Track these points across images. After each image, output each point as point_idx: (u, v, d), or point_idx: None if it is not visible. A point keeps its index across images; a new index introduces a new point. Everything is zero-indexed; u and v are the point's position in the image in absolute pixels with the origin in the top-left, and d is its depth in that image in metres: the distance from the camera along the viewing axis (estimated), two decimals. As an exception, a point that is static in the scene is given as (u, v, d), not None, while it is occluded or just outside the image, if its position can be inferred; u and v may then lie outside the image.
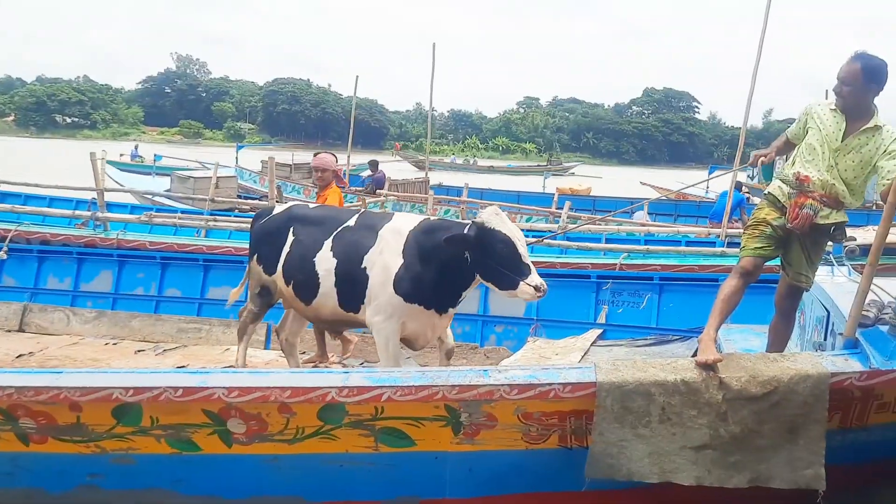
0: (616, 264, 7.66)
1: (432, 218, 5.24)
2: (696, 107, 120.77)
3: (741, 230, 9.61)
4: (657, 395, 3.52)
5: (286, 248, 5.30)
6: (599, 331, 6.81)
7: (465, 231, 4.59)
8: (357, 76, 20.03)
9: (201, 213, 11.37)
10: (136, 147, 33.79)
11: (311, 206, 6.03)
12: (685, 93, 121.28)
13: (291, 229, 5.36)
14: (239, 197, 16.05)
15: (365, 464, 3.72)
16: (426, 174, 20.38)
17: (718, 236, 9.32)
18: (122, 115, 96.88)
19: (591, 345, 6.33)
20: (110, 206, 11.57)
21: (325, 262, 5.06)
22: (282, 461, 3.73)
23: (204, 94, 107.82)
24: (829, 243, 5.34)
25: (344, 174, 18.33)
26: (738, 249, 7.80)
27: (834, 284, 4.54)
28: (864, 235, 7.06)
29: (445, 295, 4.84)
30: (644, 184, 26.22)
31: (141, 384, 3.60)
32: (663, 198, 19.86)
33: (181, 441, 3.70)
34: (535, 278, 4.46)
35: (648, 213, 14.80)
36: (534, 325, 7.17)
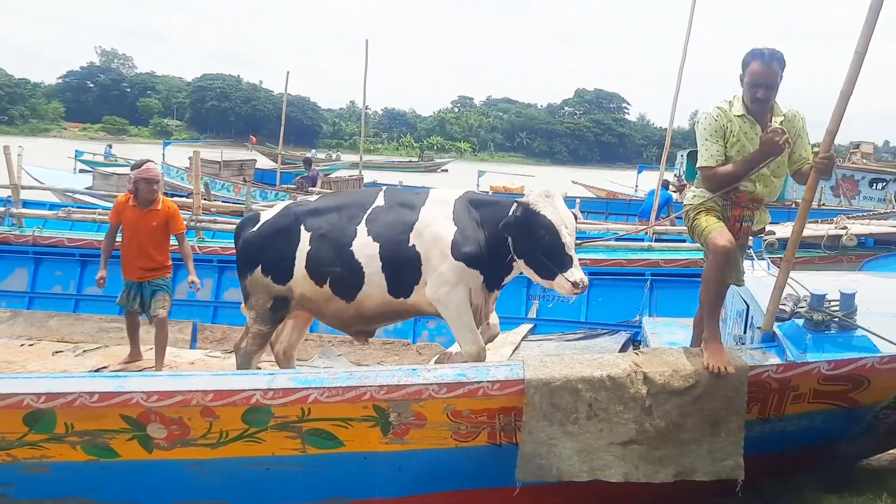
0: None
1: (470, 189, 5.04)
2: (626, 108, 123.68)
3: (667, 227, 9.90)
4: (584, 391, 3.56)
5: (304, 248, 4.82)
6: (530, 325, 6.88)
7: (511, 213, 4.37)
8: (288, 72, 19.74)
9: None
10: (109, 146, 32.53)
11: (312, 199, 5.41)
12: (615, 94, 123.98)
13: (303, 226, 4.87)
14: (165, 194, 15.59)
15: (292, 466, 3.65)
16: (360, 172, 20.24)
17: (647, 233, 9.53)
18: (42, 111, 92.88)
19: (522, 339, 6.38)
20: (28, 204, 11.09)
21: (366, 248, 4.65)
22: (205, 466, 3.62)
23: (129, 90, 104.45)
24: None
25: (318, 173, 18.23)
26: (664, 244, 8.12)
27: (753, 279, 4.66)
28: (783, 231, 7.34)
29: (493, 270, 4.60)
30: (576, 182, 26.66)
31: (54, 390, 3.46)
32: (596, 196, 20.21)
33: (98, 448, 3.56)
34: (575, 273, 4.20)
35: (581, 212, 15.02)
36: None
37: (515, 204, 4.37)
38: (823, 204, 20.41)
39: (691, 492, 3.82)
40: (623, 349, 6.00)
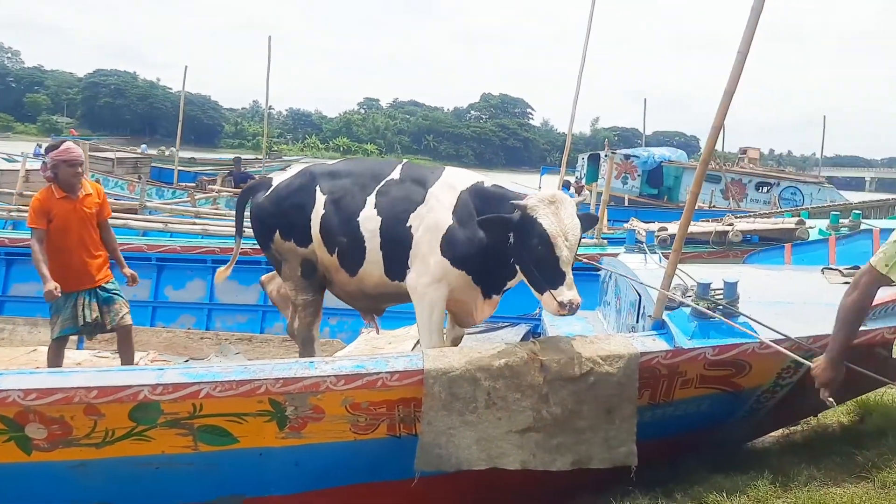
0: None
1: (483, 178, 4.52)
2: (531, 113, 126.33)
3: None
4: (483, 380, 3.58)
5: (318, 210, 4.60)
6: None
7: (511, 214, 3.91)
8: (186, 66, 19.17)
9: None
10: (38, 146, 30.44)
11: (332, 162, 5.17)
12: (520, 99, 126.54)
13: (318, 188, 4.65)
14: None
15: (183, 465, 3.52)
16: (262, 171, 19.84)
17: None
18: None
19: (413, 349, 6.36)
20: None
21: (370, 222, 4.42)
22: (89, 467, 3.45)
23: (14, 85, 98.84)
24: (642, 232, 5.65)
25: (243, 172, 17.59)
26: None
27: (646, 271, 4.83)
28: (674, 228, 7.66)
29: (491, 275, 4.29)
30: (481, 184, 26.91)
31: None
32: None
33: None
34: (564, 292, 3.73)
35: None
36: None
37: (517, 206, 3.89)
38: (714, 205, 21.43)
39: (584, 482, 3.92)
40: (524, 339, 6.09)
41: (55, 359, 5.34)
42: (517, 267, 4.03)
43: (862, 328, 3.88)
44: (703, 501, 3.78)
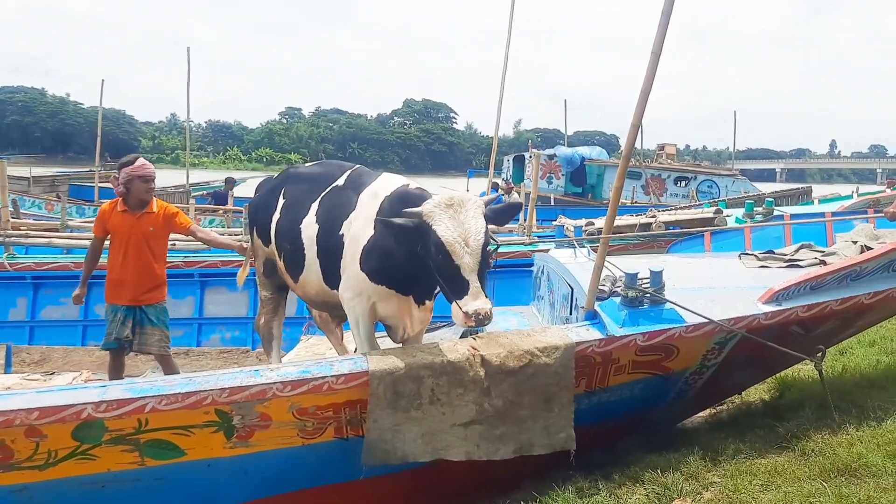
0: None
1: (412, 187, 4.18)
2: (454, 117, 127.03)
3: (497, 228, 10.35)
4: (426, 377, 3.68)
5: (277, 213, 4.71)
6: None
7: (406, 211, 3.71)
8: (103, 80, 18.63)
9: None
10: None
11: (307, 165, 5.24)
12: (443, 104, 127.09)
13: (283, 191, 4.73)
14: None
15: (130, 481, 3.49)
16: (187, 183, 19.45)
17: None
18: None
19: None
20: None
21: (309, 229, 4.40)
22: (33, 490, 3.39)
23: None
24: (571, 228, 5.85)
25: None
26: (504, 240, 8.49)
27: (576, 264, 5.01)
28: (601, 222, 7.95)
29: (419, 283, 4.04)
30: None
31: None
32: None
33: None
34: (469, 303, 3.49)
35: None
36: (307, 323, 7.13)
37: (406, 213, 3.69)
38: (636, 201, 22.10)
39: (527, 471, 4.06)
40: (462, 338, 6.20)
41: (112, 371, 5.48)
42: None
43: (777, 308, 4.16)
44: (639, 480, 3.97)
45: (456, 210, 3.58)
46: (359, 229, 4.07)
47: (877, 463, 3.73)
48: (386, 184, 4.23)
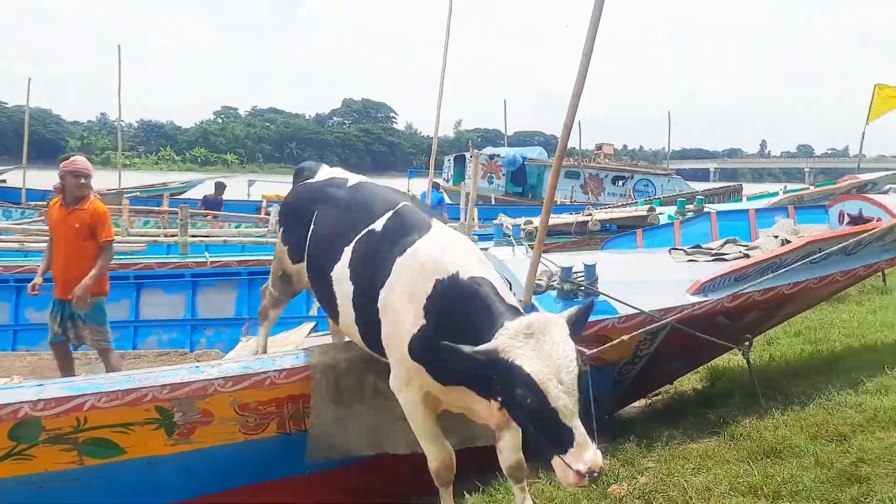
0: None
1: (474, 268, 3.22)
2: (394, 117, 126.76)
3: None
4: (368, 371, 3.73)
5: (308, 241, 3.98)
6: (313, 323, 6.94)
7: (476, 350, 2.81)
8: (30, 79, 18.00)
9: None
10: None
11: (343, 177, 4.33)
12: (383, 104, 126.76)
13: (317, 210, 3.98)
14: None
15: (69, 481, 3.45)
16: (119, 184, 18.98)
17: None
18: None
19: (306, 337, 6.42)
20: None
21: (343, 284, 3.56)
22: None
23: None
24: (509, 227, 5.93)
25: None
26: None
27: (515, 260, 5.13)
28: (539, 221, 8.12)
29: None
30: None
31: None
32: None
33: None
34: (579, 457, 2.67)
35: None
36: (246, 324, 7.08)
37: (476, 353, 2.80)
38: (574, 200, 22.50)
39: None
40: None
41: (60, 368, 5.49)
42: None
43: (703, 299, 4.35)
44: (578, 468, 4.10)
45: (538, 339, 2.76)
46: (399, 308, 3.23)
47: (800, 444, 3.95)
48: (438, 252, 3.25)
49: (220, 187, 17.10)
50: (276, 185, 28.01)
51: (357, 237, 3.57)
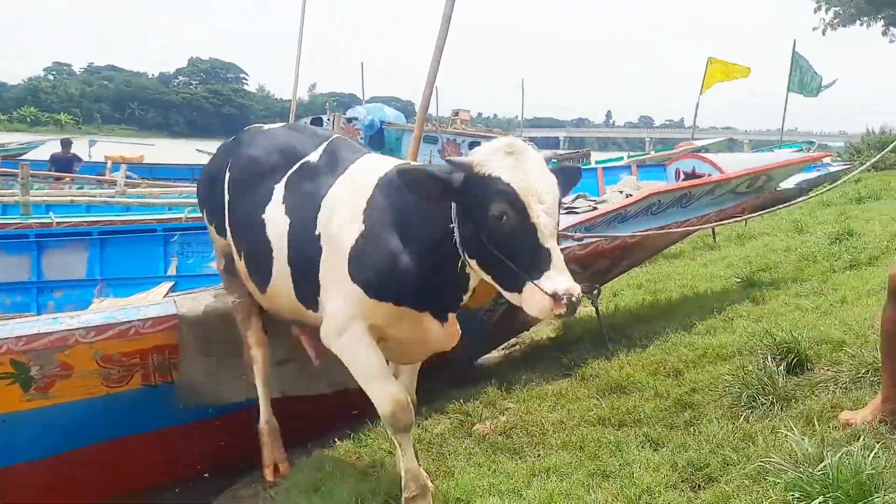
0: (181, 217, 7.60)
1: (414, 163, 3.08)
2: (245, 79, 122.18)
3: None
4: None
5: (225, 198, 3.52)
6: (171, 283, 6.72)
7: (448, 174, 2.68)
8: None
9: None
10: None
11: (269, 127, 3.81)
12: (232, 64, 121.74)
13: (229, 163, 3.52)
14: None
15: None
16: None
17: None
18: None
19: (164, 297, 6.22)
20: None
21: (276, 223, 3.21)
22: None
23: None
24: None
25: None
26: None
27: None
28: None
29: (439, 290, 2.96)
30: (201, 151, 25.83)
31: None
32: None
33: None
34: (555, 279, 2.48)
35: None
36: (98, 286, 6.74)
37: (457, 163, 2.70)
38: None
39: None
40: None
41: None
42: (471, 263, 2.75)
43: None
44: (444, 411, 4.33)
45: (518, 158, 2.61)
46: (339, 228, 2.98)
47: (641, 380, 4.36)
48: (375, 165, 3.15)
49: (66, 144, 16.03)
50: (119, 147, 26.52)
51: (289, 173, 3.30)
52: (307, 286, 3.12)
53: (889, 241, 6.88)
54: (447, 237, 2.74)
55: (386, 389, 3.03)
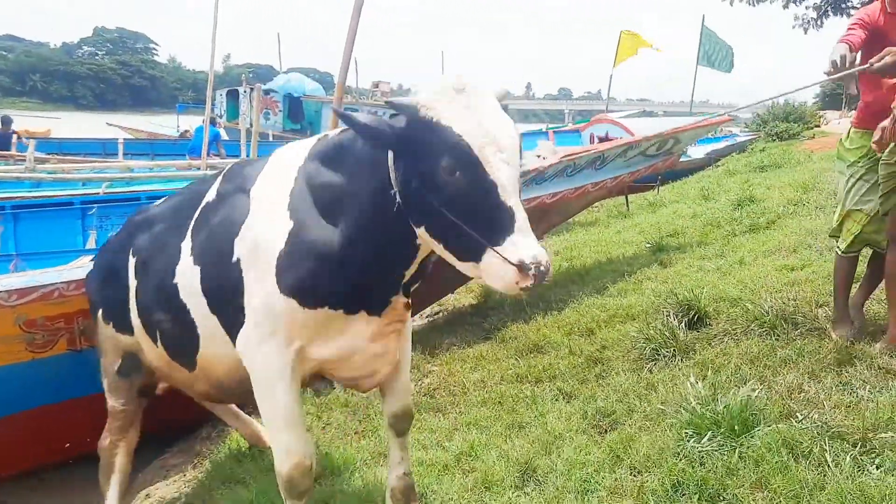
0: (100, 191, 7.45)
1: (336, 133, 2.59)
2: (155, 49, 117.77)
3: (222, 161, 10.24)
4: None
5: (132, 284, 3.06)
6: (90, 256, 6.61)
7: (390, 102, 2.24)
8: None
9: None
10: None
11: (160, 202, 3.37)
12: (141, 34, 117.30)
13: (132, 248, 3.10)
14: None
15: None
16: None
17: (200, 167, 9.71)
18: None
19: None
20: None
21: (187, 278, 2.76)
22: None
23: None
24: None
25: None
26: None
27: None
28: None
29: (378, 274, 2.44)
30: (111, 125, 24.98)
31: None
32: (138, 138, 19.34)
33: None
34: (520, 243, 2.04)
35: (125, 154, 14.39)
36: (13, 262, 6.57)
37: (393, 104, 2.22)
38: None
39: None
40: None
41: None
42: (420, 233, 2.25)
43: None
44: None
45: (469, 98, 2.15)
46: (263, 234, 2.51)
47: (557, 340, 4.62)
48: (291, 151, 2.70)
49: (7, 122, 15.26)
50: (23, 120, 25.32)
51: (192, 221, 2.85)
52: (235, 315, 2.60)
53: (785, 207, 7.40)
54: (387, 205, 2.24)
55: (292, 442, 2.55)
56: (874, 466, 2.47)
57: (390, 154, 2.22)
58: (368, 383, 2.71)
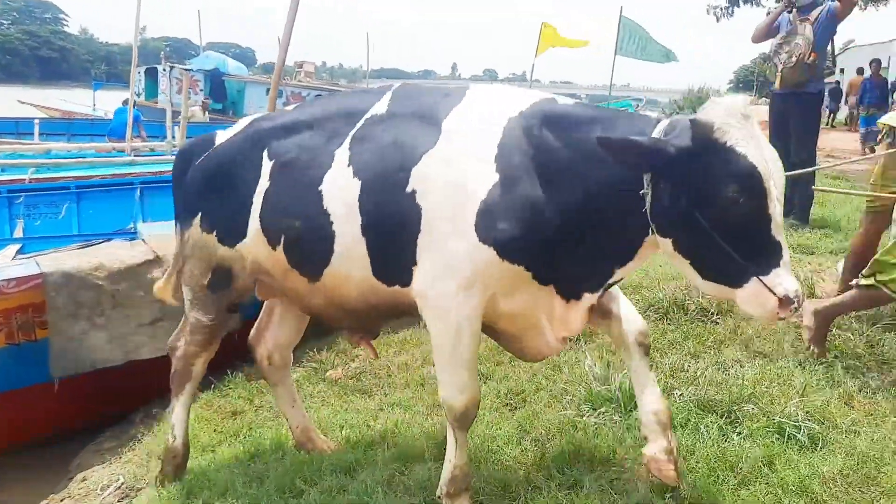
0: (26, 178, 7.39)
1: (553, 96, 2.63)
2: (65, 20, 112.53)
3: (145, 144, 10.19)
4: (105, 285, 3.92)
5: (262, 186, 2.88)
6: (18, 245, 6.57)
7: (664, 136, 2.25)
8: None
9: None
10: None
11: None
12: (50, 3, 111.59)
13: (266, 151, 2.91)
14: None
15: None
16: None
17: (124, 150, 9.65)
18: None
19: (12, 260, 6.13)
20: None
21: (341, 191, 2.67)
22: None
23: None
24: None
25: None
26: (147, 158, 8.42)
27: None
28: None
29: (582, 264, 2.48)
30: (23, 102, 23.99)
31: None
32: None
33: None
34: (784, 280, 2.17)
35: (41, 134, 14.01)
36: None
37: (681, 123, 2.26)
38: (276, 119, 22.40)
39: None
40: None
41: None
42: (660, 241, 2.31)
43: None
44: (300, 361, 4.73)
45: (754, 125, 2.21)
46: (464, 173, 2.46)
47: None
48: (499, 97, 2.68)
49: None
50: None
51: (354, 130, 2.76)
52: (394, 257, 2.58)
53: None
54: (629, 203, 2.28)
55: (469, 381, 2.63)
56: (736, 434, 2.95)
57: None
58: (536, 352, 2.78)
